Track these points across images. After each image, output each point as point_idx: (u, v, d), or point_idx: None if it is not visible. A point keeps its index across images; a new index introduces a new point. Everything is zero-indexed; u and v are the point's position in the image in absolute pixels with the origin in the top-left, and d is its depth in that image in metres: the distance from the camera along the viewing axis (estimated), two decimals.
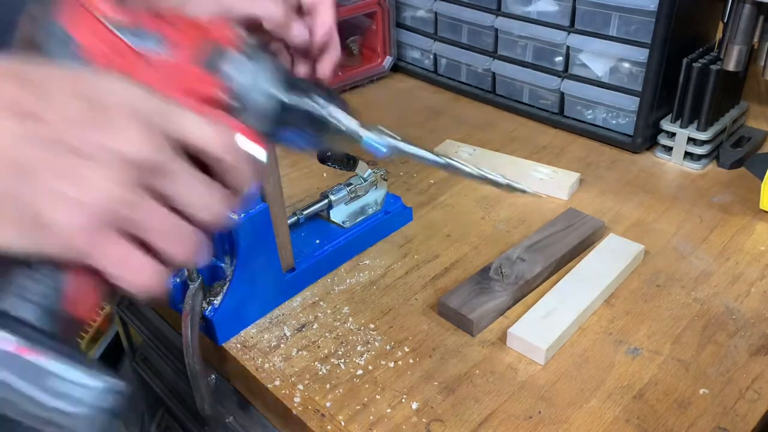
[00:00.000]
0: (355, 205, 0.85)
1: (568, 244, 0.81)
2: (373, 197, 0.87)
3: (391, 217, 0.87)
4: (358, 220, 0.84)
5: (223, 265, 0.74)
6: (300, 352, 0.70)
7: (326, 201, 0.82)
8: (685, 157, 1.00)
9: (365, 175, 0.84)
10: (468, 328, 0.71)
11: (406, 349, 0.70)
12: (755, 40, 0.89)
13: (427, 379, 0.66)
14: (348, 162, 0.82)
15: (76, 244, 0.32)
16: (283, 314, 0.75)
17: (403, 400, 0.64)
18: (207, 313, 0.70)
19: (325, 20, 0.53)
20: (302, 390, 0.66)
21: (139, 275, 0.34)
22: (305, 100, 0.44)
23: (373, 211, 0.86)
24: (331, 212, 0.83)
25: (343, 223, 0.84)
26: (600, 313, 0.74)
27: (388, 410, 0.63)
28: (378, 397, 0.64)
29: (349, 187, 0.84)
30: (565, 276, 0.76)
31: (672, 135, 1.00)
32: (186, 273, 0.71)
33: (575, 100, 1.08)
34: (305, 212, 0.81)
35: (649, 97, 0.98)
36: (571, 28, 1.04)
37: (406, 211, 0.89)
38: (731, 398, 0.63)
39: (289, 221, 0.76)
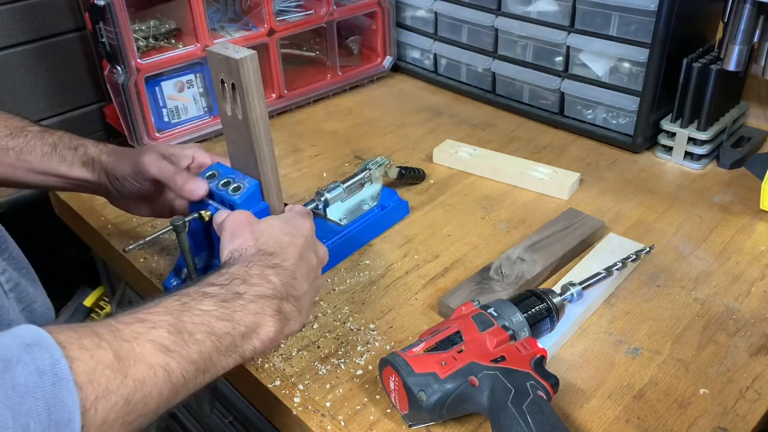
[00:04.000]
0: (352, 201, 0.85)
1: (568, 244, 0.81)
2: (369, 193, 0.87)
3: (388, 212, 0.87)
4: (355, 216, 0.84)
5: None
6: (300, 352, 0.70)
7: (322, 199, 0.82)
8: (685, 156, 1.00)
9: (378, 159, 0.87)
10: None
11: None
12: (755, 40, 0.89)
13: None
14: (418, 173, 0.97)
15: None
16: None
17: None
18: None
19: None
20: (302, 390, 0.65)
21: None
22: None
23: (369, 207, 0.86)
24: (328, 210, 0.84)
25: (340, 220, 0.84)
26: (600, 313, 0.74)
27: (388, 410, 0.63)
28: (378, 397, 0.64)
29: (361, 174, 0.85)
30: (565, 276, 0.76)
31: (672, 135, 1.00)
32: (186, 273, 0.71)
33: (575, 100, 1.08)
34: None
35: (649, 96, 0.98)
36: (571, 28, 1.04)
37: (403, 204, 0.89)
38: (731, 398, 0.63)
39: None
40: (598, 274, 0.72)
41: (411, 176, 0.96)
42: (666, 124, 1.00)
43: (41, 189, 0.80)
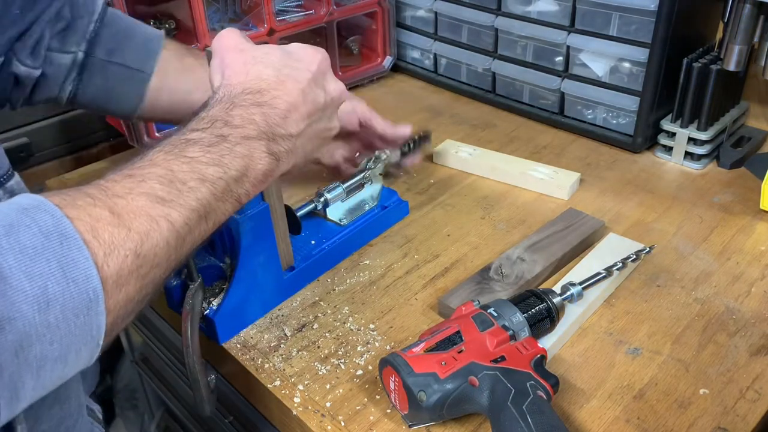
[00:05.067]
0: (352, 201, 0.85)
1: (568, 244, 0.81)
2: (369, 193, 0.87)
3: (388, 212, 0.87)
4: (355, 216, 0.84)
5: (222, 265, 0.74)
6: (300, 352, 0.70)
7: (322, 199, 0.83)
8: (685, 156, 1.00)
9: (386, 155, 0.88)
10: None
11: None
12: (755, 40, 0.89)
13: None
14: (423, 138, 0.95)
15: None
16: (283, 314, 0.75)
17: None
18: (207, 313, 0.70)
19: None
20: (302, 390, 0.66)
21: None
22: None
23: (369, 207, 0.86)
24: (328, 210, 0.84)
25: (340, 220, 0.84)
26: (600, 313, 0.74)
27: (388, 410, 0.63)
28: (378, 397, 0.64)
29: (363, 174, 0.85)
30: (565, 276, 0.76)
31: (672, 135, 1.00)
32: (186, 273, 0.71)
33: (575, 99, 1.08)
34: (301, 211, 0.81)
35: (650, 96, 0.98)
36: (571, 28, 1.04)
37: (403, 205, 0.90)
38: (731, 398, 0.63)
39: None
40: (598, 274, 0.72)
41: (418, 144, 0.95)
42: (666, 124, 1.00)
43: None
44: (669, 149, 1.01)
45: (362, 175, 0.86)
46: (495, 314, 0.63)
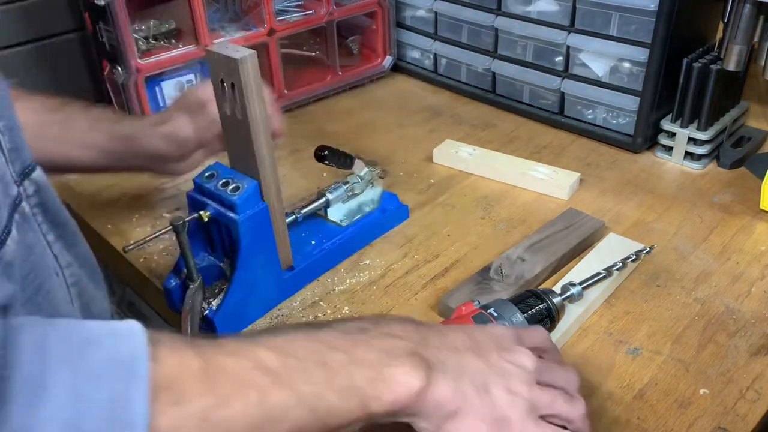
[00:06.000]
0: (352, 203, 0.85)
1: (568, 244, 0.81)
2: (370, 196, 0.87)
3: (388, 215, 0.87)
4: (356, 218, 0.85)
5: (222, 265, 0.74)
6: None
7: (323, 200, 0.82)
8: (685, 156, 1.00)
9: (362, 174, 0.85)
10: None
11: None
12: (755, 39, 0.89)
13: None
14: (345, 160, 0.83)
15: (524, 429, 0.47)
16: (283, 314, 0.75)
17: None
18: (207, 313, 0.70)
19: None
20: None
21: None
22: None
23: (370, 210, 0.86)
24: (329, 211, 0.84)
25: (340, 221, 0.84)
26: (600, 313, 0.74)
27: None
28: None
29: (346, 186, 0.84)
30: (565, 276, 0.76)
31: (672, 135, 1.00)
32: (186, 273, 0.71)
33: (575, 99, 1.08)
34: (303, 211, 0.81)
35: (650, 96, 0.98)
36: (571, 28, 1.04)
37: (403, 208, 0.90)
38: (731, 398, 0.63)
39: (287, 220, 0.76)
40: (598, 274, 0.72)
41: (337, 161, 0.85)
42: (666, 124, 1.00)
43: (81, 170, 0.79)
44: (669, 149, 1.01)
45: (361, 180, 0.85)
46: (495, 314, 0.63)
